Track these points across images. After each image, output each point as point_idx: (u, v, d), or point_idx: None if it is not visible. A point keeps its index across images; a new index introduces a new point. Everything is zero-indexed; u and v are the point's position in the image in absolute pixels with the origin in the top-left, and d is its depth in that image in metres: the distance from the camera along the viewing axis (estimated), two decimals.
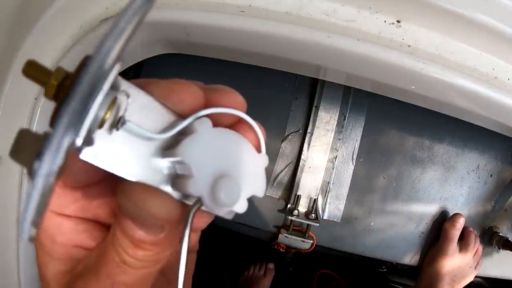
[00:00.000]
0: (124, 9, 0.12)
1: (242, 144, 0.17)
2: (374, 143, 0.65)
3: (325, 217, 0.64)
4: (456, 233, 0.64)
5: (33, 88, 0.39)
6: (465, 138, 0.66)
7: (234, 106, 0.18)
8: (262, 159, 0.18)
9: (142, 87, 0.15)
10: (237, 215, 0.17)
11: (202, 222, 0.20)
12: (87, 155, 0.14)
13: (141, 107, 0.15)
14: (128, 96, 0.15)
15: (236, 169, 0.16)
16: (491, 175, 0.67)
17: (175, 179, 0.16)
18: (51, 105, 0.13)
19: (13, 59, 0.38)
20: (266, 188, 0.17)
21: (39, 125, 0.40)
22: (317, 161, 0.63)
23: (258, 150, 0.18)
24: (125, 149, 0.15)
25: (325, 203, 0.64)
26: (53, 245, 0.19)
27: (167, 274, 0.21)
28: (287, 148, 0.64)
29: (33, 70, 0.14)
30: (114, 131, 0.14)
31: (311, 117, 0.62)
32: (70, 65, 0.41)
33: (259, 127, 0.18)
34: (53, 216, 0.19)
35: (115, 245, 0.16)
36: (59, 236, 0.19)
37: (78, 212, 0.19)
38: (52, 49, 0.38)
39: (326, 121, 0.63)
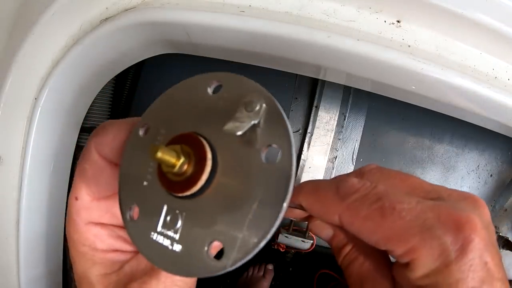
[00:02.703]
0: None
1: None
2: (374, 143, 0.65)
3: None
4: None
5: (33, 88, 0.39)
6: (465, 138, 0.66)
7: None
8: None
9: None
10: None
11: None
12: None
13: None
14: None
15: None
16: (491, 175, 0.67)
17: None
18: (50, 105, 0.13)
19: (13, 59, 0.38)
20: None
21: (39, 125, 0.40)
22: (317, 161, 0.63)
23: None
24: None
25: None
26: (95, 252, 0.21)
27: None
28: None
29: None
30: None
31: (311, 117, 0.62)
32: (70, 65, 0.41)
33: None
34: (92, 226, 0.21)
35: None
36: (99, 243, 0.21)
37: (112, 220, 0.22)
38: (52, 49, 0.38)
39: (326, 121, 0.63)
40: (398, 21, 0.36)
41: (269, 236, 0.16)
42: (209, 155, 0.17)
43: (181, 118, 0.18)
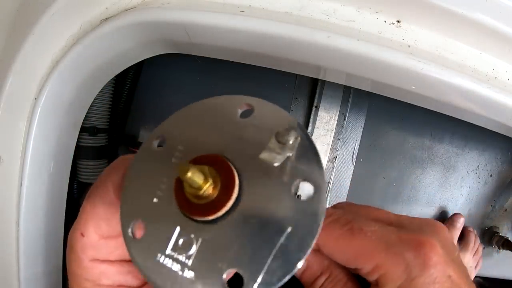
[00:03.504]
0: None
1: None
2: (374, 143, 0.65)
3: None
4: (456, 233, 0.64)
5: (33, 88, 0.39)
6: (465, 138, 0.66)
7: None
8: None
9: None
10: None
11: None
12: None
13: None
14: None
15: None
16: (491, 175, 0.67)
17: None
18: (50, 105, 0.13)
19: (13, 59, 0.38)
20: None
21: (39, 125, 0.40)
22: None
23: None
24: None
25: None
26: (98, 287, 0.20)
27: None
28: None
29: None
30: None
31: (311, 117, 0.62)
32: (70, 65, 0.41)
33: None
34: (97, 263, 0.20)
35: None
36: (105, 279, 0.20)
37: (121, 256, 0.21)
38: (52, 49, 0.38)
39: (326, 121, 0.63)
40: (398, 21, 0.36)
41: (294, 272, 0.15)
42: (237, 181, 0.16)
43: (204, 137, 0.17)
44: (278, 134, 0.16)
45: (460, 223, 0.64)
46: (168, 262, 0.16)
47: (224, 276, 0.16)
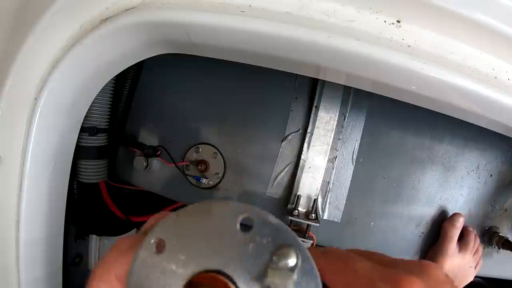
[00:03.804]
0: None
1: None
2: (374, 143, 0.65)
3: (325, 217, 0.64)
4: (456, 232, 0.64)
5: (33, 88, 0.39)
6: (465, 138, 0.66)
7: None
8: None
9: None
10: None
11: None
12: None
13: None
14: None
15: None
16: (491, 175, 0.67)
17: None
18: (50, 105, 0.13)
19: (14, 59, 0.38)
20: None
21: (39, 125, 0.40)
22: (317, 161, 0.63)
23: None
24: None
25: (325, 203, 0.64)
26: None
27: None
28: (287, 148, 0.64)
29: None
30: None
31: (311, 117, 0.62)
32: (70, 65, 0.41)
33: None
34: None
35: None
36: None
37: None
38: (52, 49, 0.39)
39: (326, 121, 0.63)
40: (398, 21, 0.36)
41: None
42: None
43: (204, 248, 0.18)
44: (279, 255, 0.17)
45: (459, 223, 0.64)
46: None
47: None
